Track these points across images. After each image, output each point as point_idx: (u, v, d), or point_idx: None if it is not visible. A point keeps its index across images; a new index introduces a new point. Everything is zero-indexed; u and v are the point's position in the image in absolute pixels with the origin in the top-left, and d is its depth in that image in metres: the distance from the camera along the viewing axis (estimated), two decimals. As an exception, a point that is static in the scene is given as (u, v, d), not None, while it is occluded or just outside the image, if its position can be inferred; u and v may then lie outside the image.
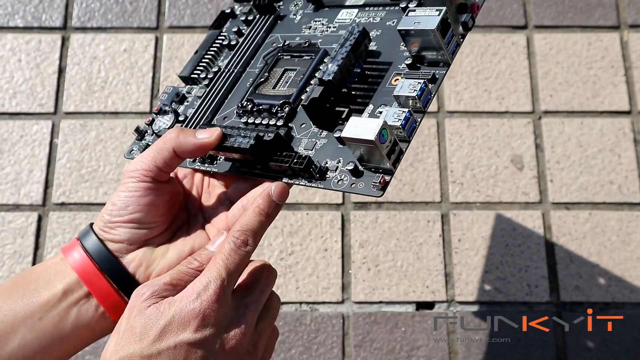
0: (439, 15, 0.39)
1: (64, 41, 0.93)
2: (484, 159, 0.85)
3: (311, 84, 0.45)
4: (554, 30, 0.92)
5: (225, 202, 0.46)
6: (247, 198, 0.44)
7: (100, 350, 0.77)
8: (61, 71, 0.91)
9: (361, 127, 0.38)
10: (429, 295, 0.79)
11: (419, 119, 0.40)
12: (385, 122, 0.37)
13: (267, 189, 0.41)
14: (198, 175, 0.48)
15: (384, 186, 0.39)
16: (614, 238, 0.81)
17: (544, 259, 0.80)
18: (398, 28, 0.40)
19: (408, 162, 0.85)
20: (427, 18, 0.40)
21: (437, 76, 0.41)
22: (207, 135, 0.42)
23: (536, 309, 0.78)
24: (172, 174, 0.45)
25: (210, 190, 0.47)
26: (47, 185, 0.85)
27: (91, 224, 0.43)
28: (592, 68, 0.90)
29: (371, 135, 0.37)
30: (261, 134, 0.42)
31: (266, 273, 0.41)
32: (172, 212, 0.44)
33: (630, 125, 0.87)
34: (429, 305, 0.79)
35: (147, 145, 0.50)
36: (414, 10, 0.41)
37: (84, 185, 0.85)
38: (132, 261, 0.41)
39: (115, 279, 0.41)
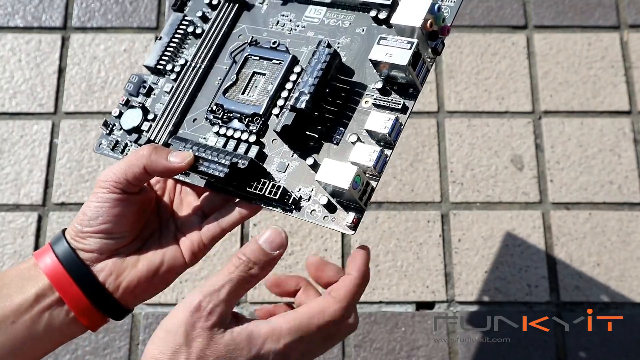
0: (410, 49, 0.39)
1: (64, 41, 0.93)
2: (484, 159, 0.85)
3: (281, 97, 0.45)
4: (554, 30, 0.92)
5: (198, 212, 0.46)
6: (225, 220, 0.45)
7: (100, 351, 0.77)
8: (61, 71, 0.91)
9: (335, 172, 0.39)
10: (429, 295, 0.79)
11: (390, 154, 0.40)
12: (358, 168, 0.38)
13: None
14: (170, 180, 0.48)
15: (356, 225, 0.40)
16: (614, 238, 0.81)
17: (544, 259, 0.80)
18: (369, 58, 0.41)
19: (408, 162, 0.85)
20: (399, 51, 0.40)
21: (408, 105, 0.41)
22: (179, 160, 0.43)
23: (536, 309, 0.78)
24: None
25: (183, 197, 0.48)
26: (47, 185, 0.85)
27: (64, 230, 0.43)
28: (592, 68, 0.90)
29: (345, 184, 0.38)
30: (235, 160, 0.42)
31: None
32: (143, 221, 0.45)
33: (630, 125, 0.87)
34: (429, 305, 0.79)
35: (117, 142, 0.50)
36: (386, 39, 0.40)
37: (84, 185, 0.85)
38: (102, 270, 0.42)
39: (85, 287, 0.41)
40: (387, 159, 0.40)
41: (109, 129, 0.51)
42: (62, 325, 0.42)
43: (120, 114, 0.50)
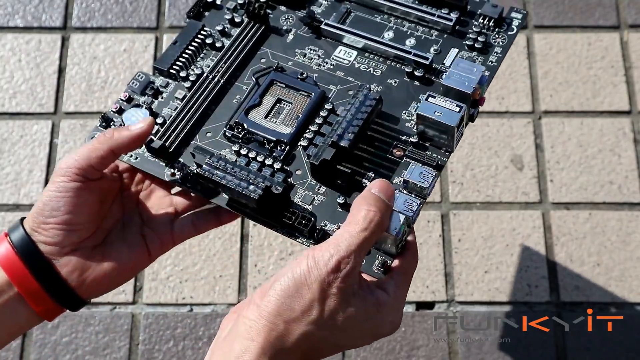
0: (459, 112, 0.41)
1: (64, 41, 0.93)
2: (484, 159, 0.85)
3: (310, 130, 0.45)
4: (554, 30, 0.92)
5: (169, 208, 0.45)
6: (203, 226, 0.44)
7: (100, 351, 0.77)
8: (61, 71, 0.91)
9: None
10: (429, 295, 0.79)
11: (422, 205, 0.41)
12: (405, 218, 0.38)
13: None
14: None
15: (387, 269, 0.40)
16: (614, 238, 0.81)
17: (544, 259, 0.80)
18: (417, 112, 0.42)
19: (408, 162, 0.85)
20: (447, 112, 0.41)
21: (441, 163, 0.43)
22: (142, 125, 0.43)
23: (536, 309, 0.78)
24: (111, 168, 0.45)
25: (152, 190, 0.47)
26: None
27: (22, 220, 0.42)
28: (592, 68, 0.90)
29: (393, 232, 0.38)
30: (268, 183, 0.41)
31: None
32: (104, 211, 0.44)
33: (630, 125, 0.87)
34: (429, 305, 0.79)
35: None
36: (434, 97, 0.42)
37: (84, 185, 0.85)
38: (65, 265, 0.41)
39: (47, 283, 0.40)
40: (421, 210, 0.41)
41: (108, 123, 0.49)
42: (21, 319, 0.41)
43: (120, 110, 0.49)
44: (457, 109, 0.41)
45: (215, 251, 0.81)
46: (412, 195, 0.41)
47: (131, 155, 0.47)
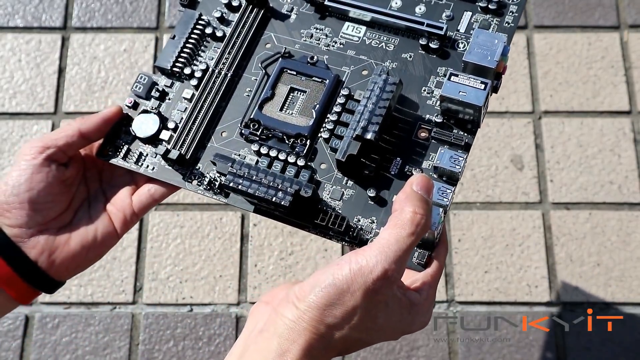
0: (485, 89, 0.39)
1: (64, 41, 0.93)
2: (484, 159, 0.85)
3: (330, 120, 0.43)
4: (554, 30, 0.92)
5: (131, 183, 0.45)
6: (158, 191, 0.44)
7: (100, 351, 0.77)
8: (61, 71, 0.91)
9: None
10: (429, 295, 0.79)
11: (455, 190, 0.40)
12: (443, 210, 0.37)
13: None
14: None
15: (428, 263, 0.39)
16: (614, 238, 0.81)
17: (544, 259, 0.80)
18: (441, 94, 0.40)
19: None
20: (473, 90, 0.39)
21: (469, 142, 0.41)
22: (109, 109, 0.45)
23: (536, 309, 0.78)
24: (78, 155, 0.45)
25: (113, 169, 0.46)
26: (47, 185, 0.85)
27: None
28: (592, 68, 0.90)
29: (433, 228, 0.37)
30: (297, 187, 0.39)
31: None
32: (70, 193, 0.43)
33: (630, 125, 0.87)
34: (429, 305, 0.79)
35: (128, 150, 0.46)
36: (457, 76, 0.40)
37: (84, 185, 0.85)
38: (33, 247, 0.41)
39: (18, 266, 0.40)
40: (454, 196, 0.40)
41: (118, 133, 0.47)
42: None
43: (127, 117, 0.46)
44: (482, 86, 0.39)
45: (215, 251, 0.81)
46: (444, 181, 0.40)
47: (147, 166, 0.45)
